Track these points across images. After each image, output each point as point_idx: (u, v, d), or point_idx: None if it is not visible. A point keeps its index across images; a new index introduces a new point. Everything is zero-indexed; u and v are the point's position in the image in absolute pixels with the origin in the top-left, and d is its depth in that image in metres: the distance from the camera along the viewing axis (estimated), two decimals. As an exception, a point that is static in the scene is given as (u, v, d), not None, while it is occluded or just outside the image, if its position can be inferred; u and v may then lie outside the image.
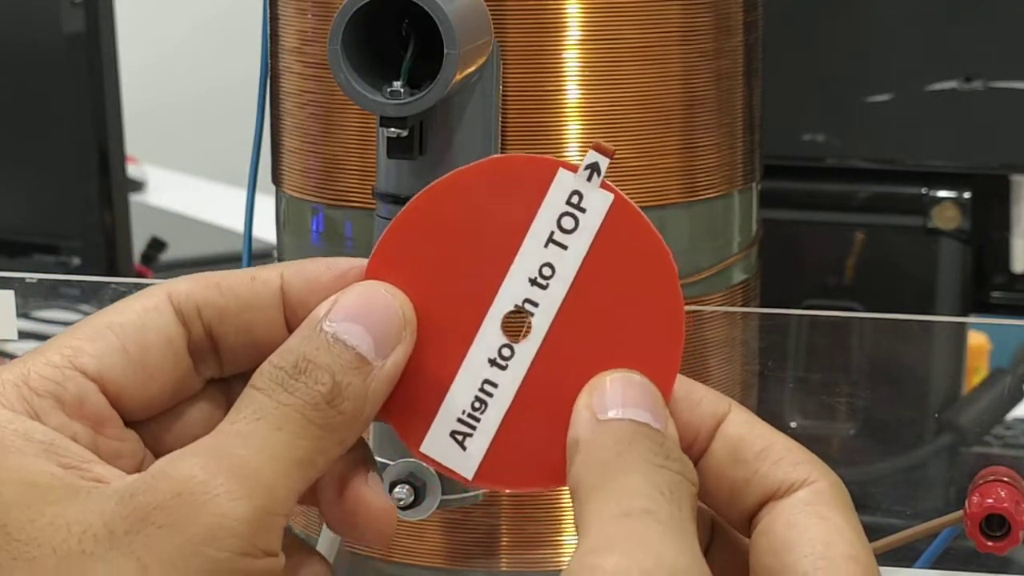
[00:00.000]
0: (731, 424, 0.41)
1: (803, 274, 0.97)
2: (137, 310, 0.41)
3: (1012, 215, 0.95)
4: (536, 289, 0.40)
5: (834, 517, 0.39)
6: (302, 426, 0.38)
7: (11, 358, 1.08)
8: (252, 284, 0.41)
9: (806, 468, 0.40)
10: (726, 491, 0.40)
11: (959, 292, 0.95)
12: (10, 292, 0.61)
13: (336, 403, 0.39)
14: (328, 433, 0.39)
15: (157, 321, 0.41)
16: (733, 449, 0.40)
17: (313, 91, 0.61)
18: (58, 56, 1.26)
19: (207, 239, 1.60)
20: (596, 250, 0.40)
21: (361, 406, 0.39)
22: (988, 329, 1.18)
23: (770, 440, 0.40)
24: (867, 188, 0.96)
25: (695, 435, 0.40)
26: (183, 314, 0.41)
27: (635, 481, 0.37)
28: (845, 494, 0.40)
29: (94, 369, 0.40)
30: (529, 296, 0.40)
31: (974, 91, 0.92)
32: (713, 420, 0.41)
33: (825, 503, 0.39)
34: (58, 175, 1.31)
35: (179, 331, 0.41)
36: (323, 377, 0.38)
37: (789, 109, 0.93)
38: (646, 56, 0.59)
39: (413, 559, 0.60)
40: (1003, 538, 0.54)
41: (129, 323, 0.40)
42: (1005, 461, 0.56)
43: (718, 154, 0.62)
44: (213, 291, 0.41)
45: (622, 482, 0.37)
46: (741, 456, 0.40)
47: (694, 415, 0.40)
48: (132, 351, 0.40)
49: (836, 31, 0.94)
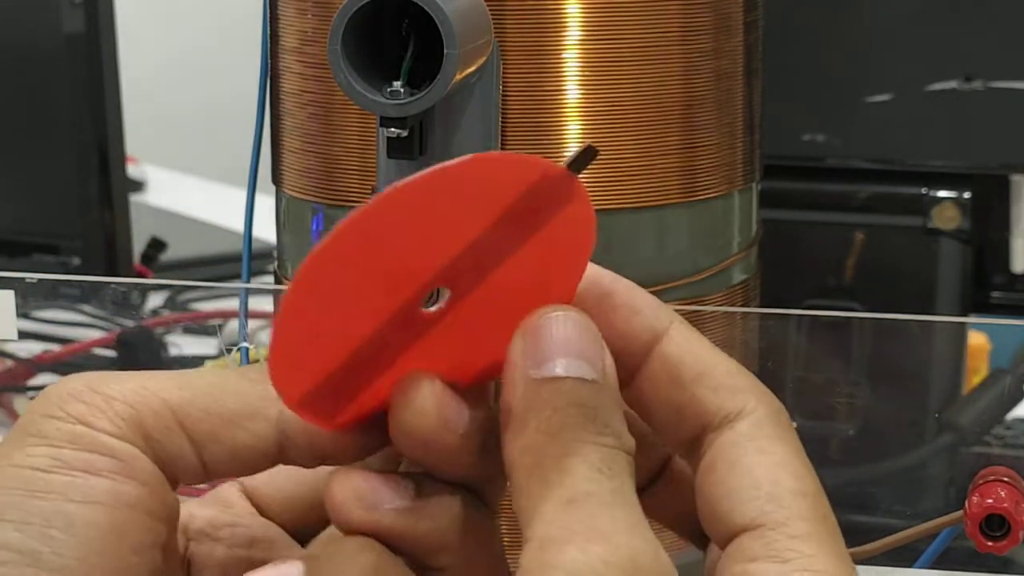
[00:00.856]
0: (671, 341, 0.38)
1: (803, 274, 0.97)
2: None
3: (1012, 215, 0.95)
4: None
5: (776, 450, 0.37)
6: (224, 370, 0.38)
7: (11, 358, 1.08)
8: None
9: (744, 397, 0.37)
10: (662, 414, 0.38)
11: (959, 292, 0.95)
12: (10, 292, 0.61)
13: None
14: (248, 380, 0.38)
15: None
16: (670, 369, 0.38)
17: (313, 91, 0.61)
18: (58, 56, 1.26)
19: (207, 239, 1.60)
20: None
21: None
22: (988, 329, 1.18)
23: (711, 363, 0.38)
24: (867, 188, 0.96)
25: (628, 347, 0.38)
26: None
27: (572, 464, 0.35)
28: (785, 419, 0.38)
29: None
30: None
31: (974, 91, 0.92)
32: (650, 334, 0.38)
33: (766, 436, 0.37)
34: (58, 175, 1.31)
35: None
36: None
37: (789, 109, 0.93)
38: (646, 56, 0.59)
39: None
40: (1003, 538, 0.54)
41: None
42: (1005, 461, 0.56)
43: (718, 154, 0.62)
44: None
45: (559, 465, 0.35)
46: (678, 378, 0.38)
47: (631, 325, 0.38)
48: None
49: (836, 31, 0.94)
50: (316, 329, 0.36)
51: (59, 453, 0.36)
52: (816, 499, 0.36)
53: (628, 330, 0.38)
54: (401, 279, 0.37)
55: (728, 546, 0.36)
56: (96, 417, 0.36)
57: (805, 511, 0.36)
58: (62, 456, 0.36)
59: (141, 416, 0.37)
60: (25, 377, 1.09)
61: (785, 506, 0.36)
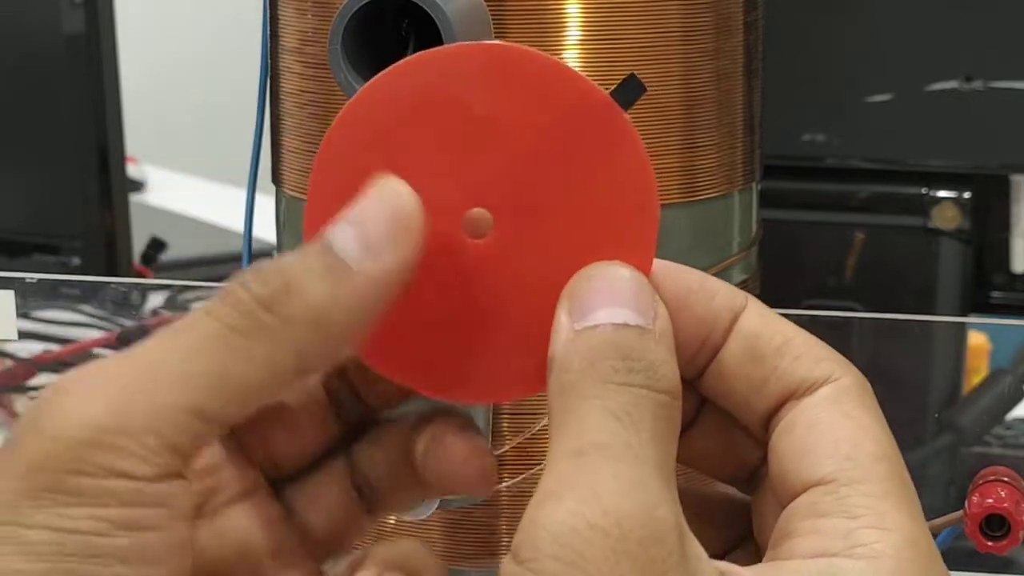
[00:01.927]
0: (748, 319, 0.38)
1: (803, 274, 0.97)
2: None
3: (1012, 215, 0.95)
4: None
5: (860, 415, 0.36)
6: (221, 334, 0.34)
7: (11, 358, 1.08)
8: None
9: (828, 365, 0.37)
10: (743, 390, 0.38)
11: (959, 292, 0.95)
12: (10, 292, 0.61)
13: (279, 308, 0.35)
14: (259, 341, 0.35)
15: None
16: (750, 345, 0.37)
17: (313, 91, 0.61)
18: (58, 56, 1.26)
19: (207, 239, 1.60)
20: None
21: (324, 311, 0.35)
22: (988, 329, 1.18)
23: (790, 335, 0.38)
24: (867, 188, 0.96)
25: (710, 329, 0.38)
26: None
27: (590, 409, 0.34)
28: (870, 391, 0.37)
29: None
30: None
31: (974, 91, 0.92)
32: (729, 314, 0.38)
33: (851, 400, 0.37)
34: (58, 175, 1.31)
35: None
36: (271, 279, 0.35)
37: (789, 109, 0.93)
38: (646, 56, 0.59)
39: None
40: (1003, 538, 0.54)
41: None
42: (1005, 461, 0.56)
43: (718, 154, 0.62)
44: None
45: (579, 412, 0.35)
46: (759, 352, 0.37)
47: (710, 308, 0.38)
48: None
49: (836, 31, 0.94)
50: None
51: (106, 514, 0.33)
52: (895, 464, 0.36)
53: (707, 313, 0.38)
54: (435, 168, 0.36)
55: (795, 501, 0.36)
56: (133, 465, 0.34)
57: (883, 472, 0.36)
58: (110, 517, 0.34)
59: (175, 442, 0.34)
60: (25, 377, 1.09)
61: (863, 466, 0.36)
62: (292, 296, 0.35)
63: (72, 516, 0.33)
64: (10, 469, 0.34)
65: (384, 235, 0.36)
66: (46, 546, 0.33)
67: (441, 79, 0.37)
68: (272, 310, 0.35)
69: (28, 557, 0.33)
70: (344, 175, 0.37)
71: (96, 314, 1.18)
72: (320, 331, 0.35)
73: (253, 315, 0.35)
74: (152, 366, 0.35)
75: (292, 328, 0.35)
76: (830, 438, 0.36)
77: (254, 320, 0.35)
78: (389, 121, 0.37)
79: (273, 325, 0.35)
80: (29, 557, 0.33)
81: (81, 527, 0.33)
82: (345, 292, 0.35)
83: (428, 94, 0.37)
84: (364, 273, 0.35)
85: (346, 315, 0.35)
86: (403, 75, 0.37)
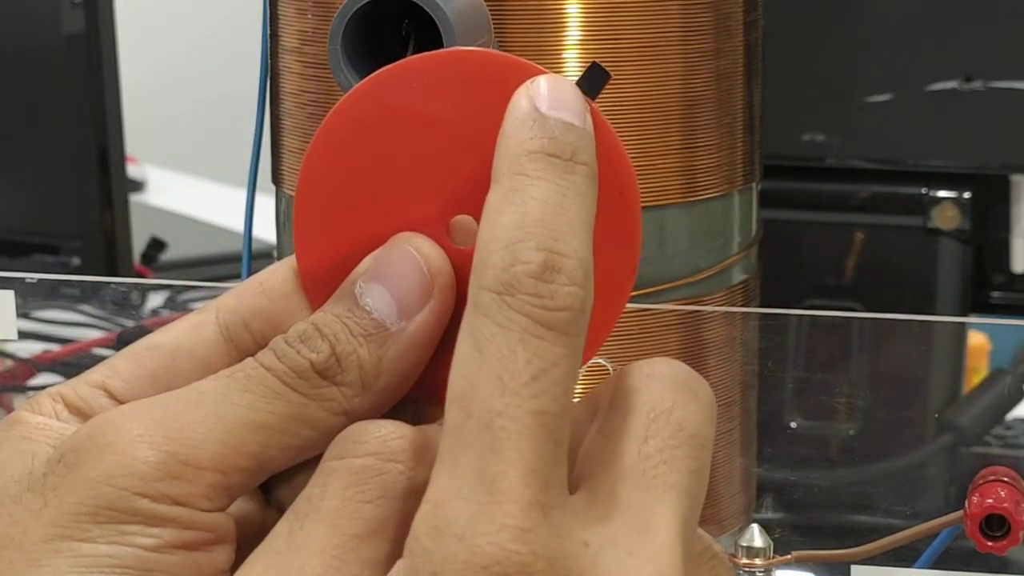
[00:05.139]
0: None
1: (803, 274, 0.97)
2: (179, 330, 0.39)
3: (1012, 215, 0.95)
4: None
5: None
6: (277, 391, 0.37)
7: (11, 358, 1.08)
8: (297, 281, 0.39)
9: None
10: None
11: (959, 292, 0.95)
12: (10, 292, 0.61)
13: (332, 374, 0.37)
14: (316, 404, 0.37)
15: (193, 341, 0.39)
16: None
17: (313, 91, 0.61)
18: (58, 56, 1.26)
19: (207, 239, 1.60)
20: None
21: (371, 376, 0.37)
22: (988, 329, 1.18)
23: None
24: (867, 188, 0.96)
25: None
26: (229, 330, 0.39)
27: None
28: None
29: (120, 392, 0.38)
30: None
31: (974, 91, 0.92)
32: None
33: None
34: (58, 175, 1.31)
35: (221, 351, 0.39)
36: (320, 346, 0.37)
37: (789, 109, 0.93)
38: (646, 56, 0.59)
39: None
40: (1003, 538, 0.54)
41: (165, 345, 0.39)
42: (1005, 461, 0.56)
43: (718, 154, 0.62)
44: (258, 297, 0.39)
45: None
46: None
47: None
48: (161, 375, 0.39)
49: (836, 31, 0.94)
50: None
51: (161, 532, 0.35)
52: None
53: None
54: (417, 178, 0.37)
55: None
56: (194, 497, 0.36)
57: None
58: (164, 536, 0.35)
59: (234, 482, 0.36)
60: (25, 377, 1.09)
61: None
62: (342, 364, 0.37)
63: (128, 532, 0.35)
64: (71, 484, 0.36)
65: (416, 293, 0.38)
66: (98, 559, 0.35)
67: (402, 94, 0.37)
68: (326, 376, 0.37)
69: (79, 570, 0.35)
70: (328, 196, 0.39)
71: (96, 314, 1.18)
72: (368, 395, 0.37)
73: (309, 379, 0.37)
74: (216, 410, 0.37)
75: (343, 393, 0.37)
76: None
77: (311, 384, 0.37)
78: (365, 140, 0.38)
79: (327, 392, 0.37)
80: (80, 570, 0.35)
81: (136, 542, 0.35)
82: (389, 355, 0.37)
83: (393, 110, 0.37)
84: (403, 333, 0.37)
85: (389, 377, 0.37)
86: (364, 97, 0.38)
